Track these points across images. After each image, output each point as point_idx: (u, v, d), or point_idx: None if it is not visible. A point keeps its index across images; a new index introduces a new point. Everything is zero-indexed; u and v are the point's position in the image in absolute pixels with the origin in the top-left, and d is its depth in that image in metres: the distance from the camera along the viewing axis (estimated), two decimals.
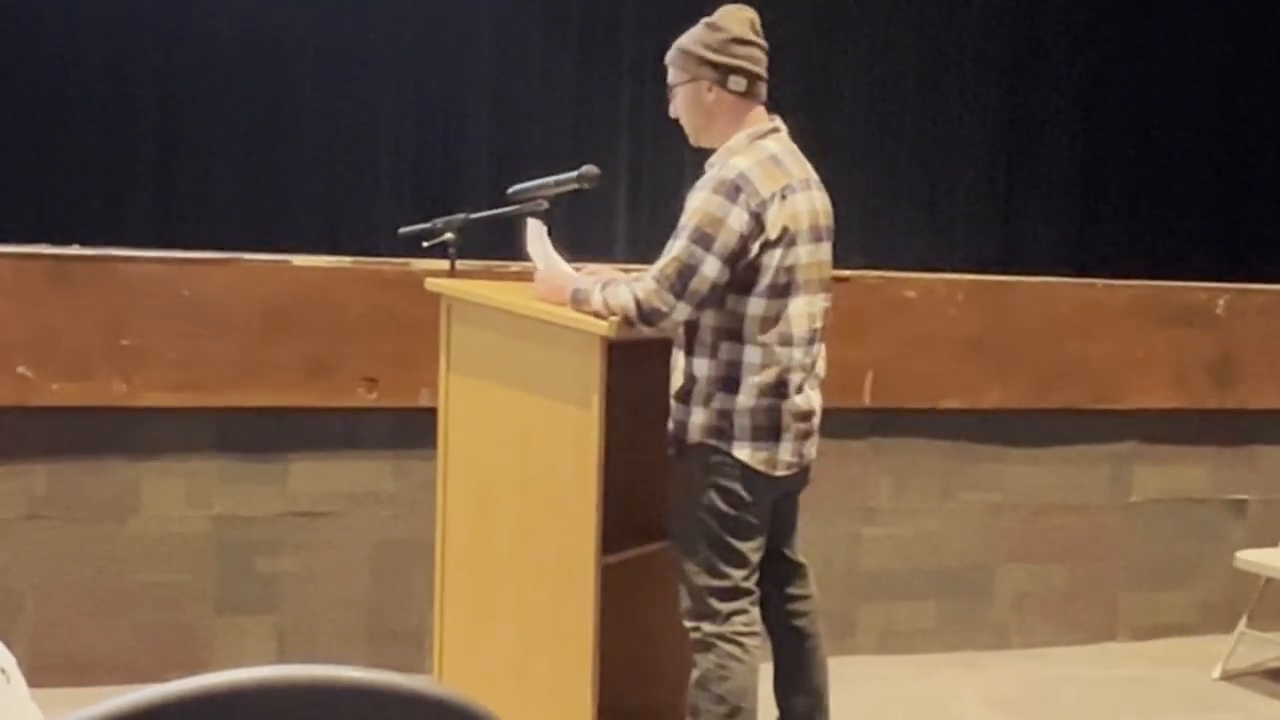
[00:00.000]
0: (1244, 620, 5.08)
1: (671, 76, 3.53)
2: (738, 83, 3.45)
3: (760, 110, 3.51)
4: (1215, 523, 5.60)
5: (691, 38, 3.49)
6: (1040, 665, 5.19)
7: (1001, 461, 5.33)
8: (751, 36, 3.47)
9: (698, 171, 3.47)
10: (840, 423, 4.90)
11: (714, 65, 3.44)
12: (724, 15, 3.48)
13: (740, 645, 3.43)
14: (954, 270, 5.61)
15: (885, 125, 8.94)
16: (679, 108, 3.53)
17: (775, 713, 3.72)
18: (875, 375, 5.09)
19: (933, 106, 8.99)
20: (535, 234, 3.68)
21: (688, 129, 3.55)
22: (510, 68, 8.28)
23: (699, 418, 3.40)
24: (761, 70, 3.49)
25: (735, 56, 3.44)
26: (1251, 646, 5.12)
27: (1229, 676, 5.07)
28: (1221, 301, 5.52)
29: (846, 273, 5.00)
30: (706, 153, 3.51)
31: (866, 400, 5.10)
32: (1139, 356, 5.41)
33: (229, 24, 7.73)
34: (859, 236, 8.26)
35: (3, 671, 1.28)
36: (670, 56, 3.53)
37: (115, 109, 7.66)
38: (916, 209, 8.98)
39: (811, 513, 4.45)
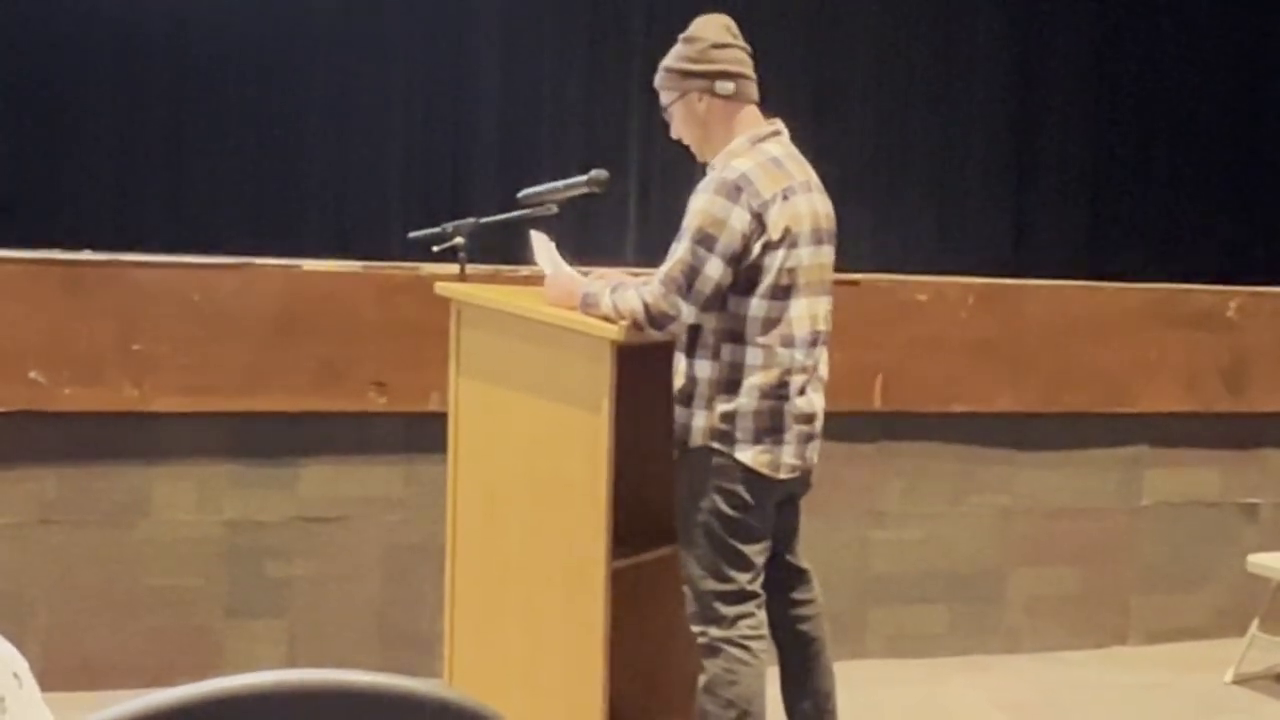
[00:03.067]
0: (1256, 624, 5.07)
1: (663, 99, 3.55)
2: (724, 86, 3.46)
3: (753, 110, 3.52)
4: (1227, 526, 5.59)
5: (673, 56, 3.52)
6: (1051, 669, 5.18)
7: (1012, 465, 5.32)
8: (729, 40, 3.49)
9: (706, 174, 3.47)
10: (850, 426, 4.90)
11: (699, 74, 3.46)
12: (698, 26, 3.51)
13: (747, 649, 3.43)
14: (965, 273, 5.60)
15: (895, 128, 8.93)
16: (677, 127, 3.56)
17: (784, 717, 3.72)
18: (885, 378, 5.09)
19: (943, 109, 8.98)
20: (540, 245, 3.69)
21: (691, 145, 3.56)
22: (519, 72, 8.29)
23: (701, 420, 3.40)
24: (747, 70, 3.50)
25: (716, 61, 3.46)
26: (1264, 650, 5.10)
27: (1241, 680, 5.06)
28: (1233, 304, 5.51)
29: (857, 276, 5.00)
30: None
31: (877, 404, 5.10)
32: (1150, 360, 5.40)
33: (239, 30, 7.74)
34: (870, 240, 8.26)
35: (15, 675, 1.28)
36: (658, 80, 3.56)
37: (126, 115, 7.68)
38: (927, 212, 8.97)
39: (821, 516, 4.46)
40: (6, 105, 7.41)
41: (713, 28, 3.49)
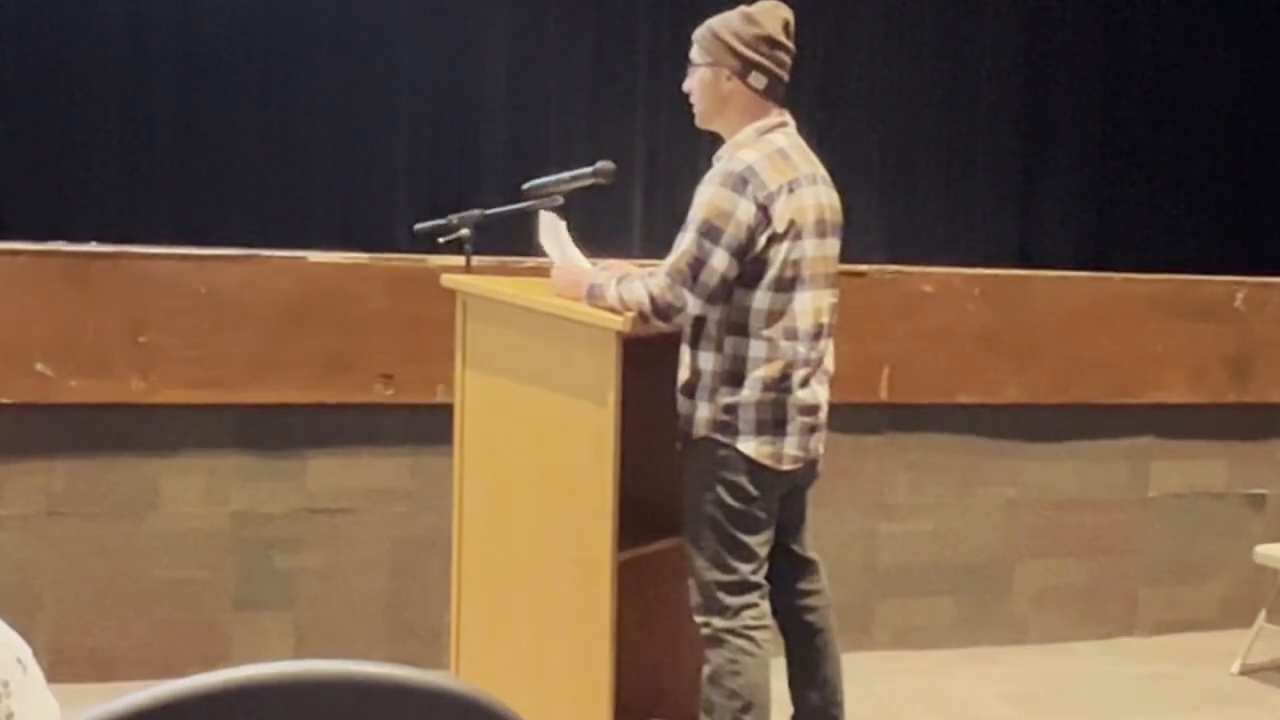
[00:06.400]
0: (1263, 615, 5.06)
1: (694, 54, 3.50)
2: (758, 80, 3.44)
3: (774, 110, 3.50)
4: (1234, 517, 5.58)
5: (724, 23, 3.45)
6: (1058, 660, 5.17)
7: (1019, 456, 5.32)
8: (783, 39, 3.45)
9: (712, 166, 3.47)
10: (857, 418, 4.90)
11: (740, 57, 3.42)
12: (761, 11, 3.45)
13: (751, 640, 3.43)
14: (971, 265, 5.59)
15: (902, 120, 8.92)
16: (694, 87, 3.51)
17: (790, 708, 3.72)
18: (892, 370, 5.08)
19: (950, 100, 8.96)
20: (548, 227, 3.68)
21: (696, 109, 3.53)
22: (526, 63, 8.28)
23: (704, 412, 3.41)
24: (784, 75, 3.47)
25: (763, 55, 3.42)
26: (1271, 641, 5.10)
27: (1248, 671, 5.06)
28: (1240, 295, 5.50)
29: (863, 267, 5.00)
30: (721, 146, 3.51)
31: (884, 395, 5.09)
32: (1157, 351, 5.39)
33: (245, 20, 7.75)
34: (876, 231, 8.26)
35: (19, 662, 1.28)
36: (698, 34, 3.50)
37: (132, 106, 7.69)
38: (933, 204, 8.96)
39: (828, 508, 4.46)
40: (12, 97, 7.41)
41: (774, 21, 3.44)
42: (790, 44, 3.47)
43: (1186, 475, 5.53)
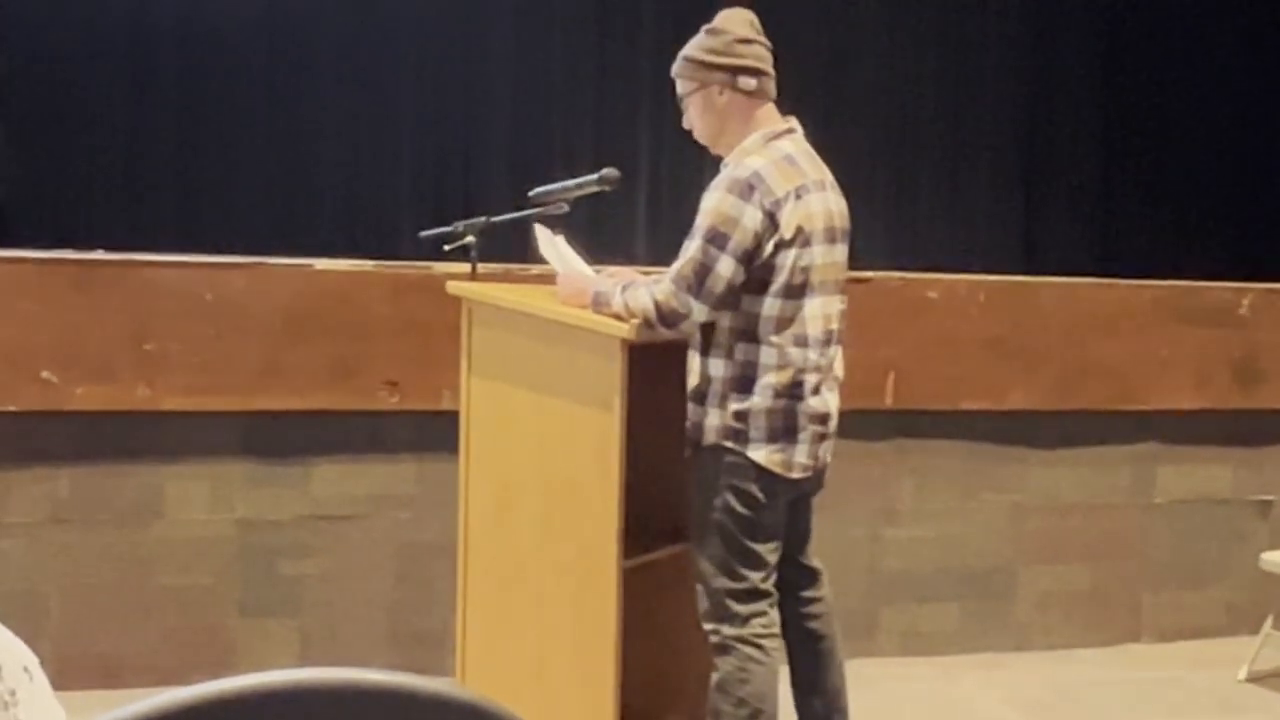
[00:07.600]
0: (1269, 621, 5.06)
1: (681, 88, 3.53)
2: (747, 82, 3.46)
3: (771, 108, 3.51)
4: (1239, 524, 5.58)
5: (695, 46, 3.50)
6: (1063, 667, 5.17)
7: (1024, 462, 5.32)
8: (753, 35, 3.49)
9: (717, 172, 3.47)
10: (862, 424, 4.89)
11: (722, 68, 3.45)
12: (723, 19, 3.50)
13: (759, 648, 3.43)
14: (976, 271, 5.59)
15: (906, 125, 8.92)
16: (692, 118, 3.54)
17: (795, 715, 3.72)
18: (897, 376, 5.08)
19: (954, 106, 8.97)
20: (545, 239, 3.70)
21: (704, 137, 3.55)
22: (530, 70, 8.30)
23: (714, 419, 3.40)
24: (768, 68, 3.50)
25: (741, 56, 3.45)
26: (1276, 648, 5.09)
27: (1254, 678, 5.05)
28: (1245, 301, 5.50)
29: (868, 274, 5.00)
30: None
31: (888, 401, 5.09)
32: (1162, 357, 5.39)
33: (250, 28, 7.76)
34: (880, 237, 8.26)
35: (25, 669, 1.29)
36: (677, 69, 3.54)
37: (138, 114, 7.70)
38: (938, 209, 8.96)
39: (833, 514, 4.46)
40: (17, 104, 7.43)
41: (738, 21, 3.48)
42: (763, 38, 3.50)
43: (1192, 481, 5.52)
